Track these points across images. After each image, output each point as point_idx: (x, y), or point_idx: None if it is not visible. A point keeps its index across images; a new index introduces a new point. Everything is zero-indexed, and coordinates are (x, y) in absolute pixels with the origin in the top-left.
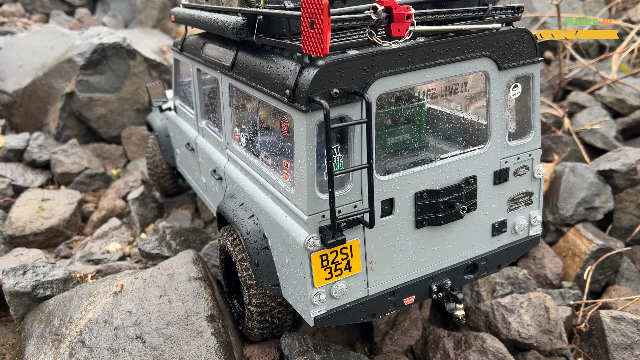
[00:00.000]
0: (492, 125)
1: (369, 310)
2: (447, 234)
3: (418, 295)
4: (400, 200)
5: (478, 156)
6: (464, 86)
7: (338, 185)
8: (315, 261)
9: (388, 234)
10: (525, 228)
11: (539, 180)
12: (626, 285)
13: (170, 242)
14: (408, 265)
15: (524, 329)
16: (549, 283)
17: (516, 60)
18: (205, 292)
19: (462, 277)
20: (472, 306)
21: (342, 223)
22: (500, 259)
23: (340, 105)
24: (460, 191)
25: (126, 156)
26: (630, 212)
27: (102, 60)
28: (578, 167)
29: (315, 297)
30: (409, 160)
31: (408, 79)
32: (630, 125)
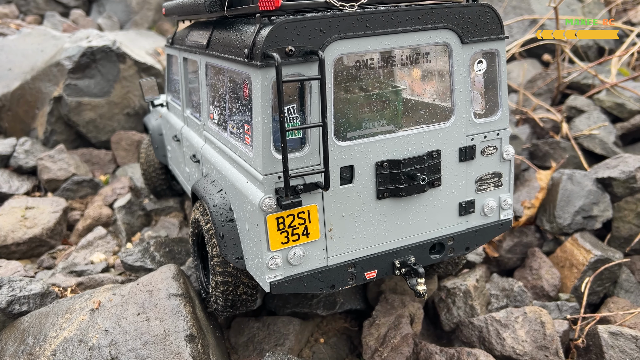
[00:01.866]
0: (456, 100)
1: (328, 280)
2: (411, 209)
3: (380, 270)
4: (360, 168)
5: (442, 130)
6: (426, 57)
7: (296, 147)
8: (270, 223)
9: (348, 203)
10: (496, 211)
11: (509, 162)
12: (625, 297)
13: (154, 253)
14: (370, 238)
15: (518, 345)
16: (545, 295)
17: (480, 35)
18: (185, 310)
19: (428, 255)
20: (466, 320)
21: (298, 186)
22: (468, 240)
23: (297, 64)
24: (422, 163)
25: (115, 161)
26: (630, 221)
27: (91, 63)
28: (576, 174)
29: (271, 260)
30: (370, 129)
31: (366, 43)
32: (630, 131)
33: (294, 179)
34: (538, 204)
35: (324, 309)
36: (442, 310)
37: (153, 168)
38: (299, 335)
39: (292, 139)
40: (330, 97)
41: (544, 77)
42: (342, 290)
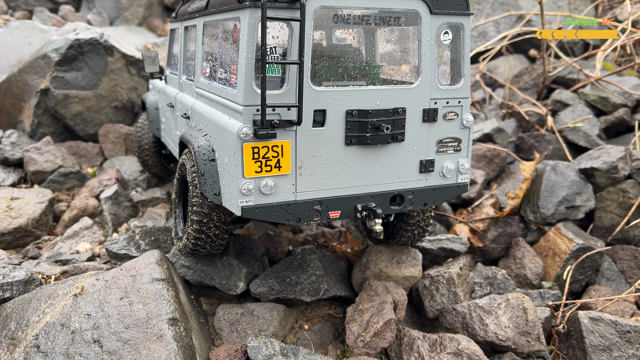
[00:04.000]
0: (423, 64)
1: (295, 213)
2: (376, 159)
3: (343, 212)
4: (332, 113)
5: (408, 90)
6: (397, 20)
7: (275, 86)
8: (247, 151)
9: (319, 144)
10: (454, 174)
11: (468, 130)
12: (607, 285)
13: (140, 242)
14: (336, 180)
15: (501, 331)
16: (529, 283)
17: (447, 8)
18: (167, 294)
19: (388, 205)
20: (449, 307)
21: (274, 121)
22: (426, 196)
23: (283, 9)
24: (388, 116)
25: (103, 154)
26: (612, 211)
27: (79, 56)
28: (559, 165)
29: (244, 186)
30: (343, 80)
31: (345, 0)
32: (613, 124)
33: (270, 114)
34: (522, 195)
35: (309, 295)
36: (425, 297)
37: (147, 141)
38: (283, 322)
39: (272, 77)
40: (309, 42)
41: (530, 71)
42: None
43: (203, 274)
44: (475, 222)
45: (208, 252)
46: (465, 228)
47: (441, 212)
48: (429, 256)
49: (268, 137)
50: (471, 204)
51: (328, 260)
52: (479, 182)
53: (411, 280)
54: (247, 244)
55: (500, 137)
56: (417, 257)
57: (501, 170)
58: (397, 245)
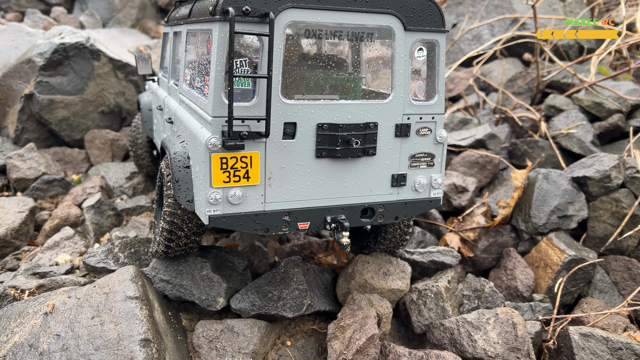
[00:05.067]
0: (396, 80)
1: (263, 223)
2: (347, 172)
3: (313, 223)
4: (302, 126)
5: (381, 105)
6: (370, 36)
7: (246, 98)
8: (215, 161)
9: (288, 156)
10: (426, 188)
11: (442, 145)
12: (599, 298)
13: (119, 254)
14: (306, 192)
15: (490, 347)
16: (519, 295)
17: (422, 25)
18: (140, 314)
19: (358, 217)
20: (437, 322)
21: (243, 132)
22: (398, 210)
23: (253, 23)
24: (359, 131)
25: (89, 160)
26: (605, 221)
27: (64, 60)
28: (552, 173)
29: (212, 195)
30: (315, 94)
31: (317, 16)
32: (608, 130)
33: (239, 126)
34: (513, 204)
35: (291, 311)
36: (413, 312)
37: (141, 141)
38: (264, 338)
39: (243, 89)
40: (280, 57)
41: (524, 76)
42: (276, 234)
43: (182, 289)
44: (466, 231)
45: (180, 254)
46: (456, 237)
47: (431, 221)
48: (419, 268)
49: (236, 148)
50: (462, 212)
51: (313, 273)
52: (471, 189)
53: (397, 294)
54: (228, 257)
55: (493, 143)
56: (405, 269)
57: (494, 177)
58: (385, 256)
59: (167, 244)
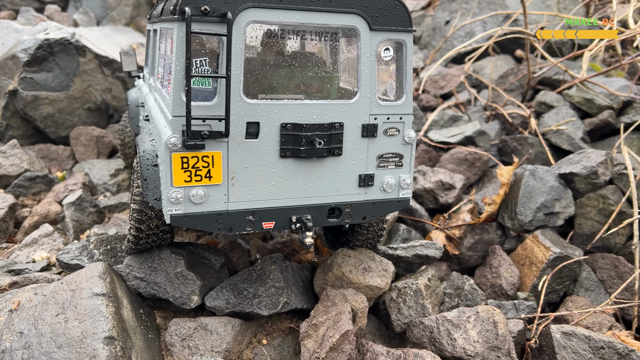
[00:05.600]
0: (362, 80)
1: (226, 223)
2: (312, 172)
3: (278, 223)
4: (266, 126)
5: (347, 105)
6: (335, 36)
7: (207, 97)
8: (175, 161)
9: (252, 156)
10: (395, 189)
11: (410, 146)
12: (585, 296)
13: (94, 251)
14: (271, 192)
15: (470, 346)
16: (504, 293)
17: (388, 25)
18: (106, 310)
19: (325, 217)
20: (416, 320)
21: (204, 132)
22: (365, 210)
23: (212, 23)
24: (324, 131)
25: (74, 157)
26: (592, 218)
27: (49, 56)
28: (538, 170)
29: (173, 194)
30: (279, 93)
31: (278, 15)
32: (598, 126)
33: (199, 125)
34: (500, 200)
35: (267, 309)
36: (392, 310)
37: (128, 138)
38: (238, 337)
39: (205, 89)
40: (241, 56)
41: (515, 72)
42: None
43: (156, 286)
44: (452, 228)
45: (152, 247)
46: (442, 235)
47: (417, 218)
48: (403, 264)
49: (196, 148)
50: (449, 209)
51: (291, 270)
52: (458, 186)
53: (375, 291)
54: (205, 254)
55: (483, 139)
56: (388, 268)
57: (483, 174)
58: (369, 252)
59: (135, 241)
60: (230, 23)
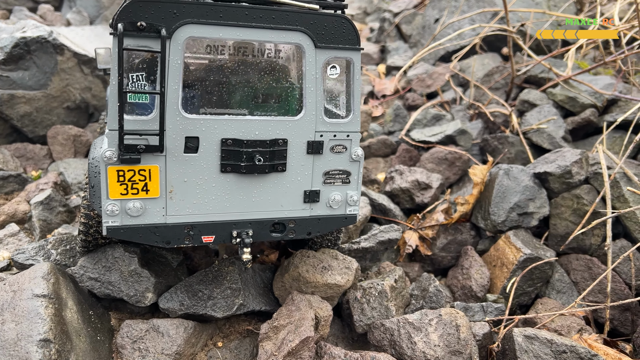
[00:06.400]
0: (307, 97)
1: (164, 236)
2: (255, 187)
3: (218, 237)
4: (205, 141)
5: (291, 122)
6: (278, 53)
7: (144, 112)
8: (110, 174)
9: (191, 170)
10: (342, 205)
11: (358, 163)
12: (556, 298)
13: (51, 251)
14: (211, 206)
15: (430, 350)
16: (473, 295)
17: (334, 42)
18: (44, 312)
19: (268, 232)
20: (377, 322)
21: (140, 146)
22: (310, 226)
23: (149, 38)
24: (265, 147)
25: (51, 157)
26: (566, 218)
27: (25, 55)
28: (513, 169)
29: (109, 207)
30: (219, 108)
31: (218, 32)
32: (581, 125)
33: (135, 139)
34: (473, 200)
35: (221, 311)
36: (355, 310)
37: None
38: (191, 339)
39: (141, 103)
40: (179, 72)
41: (501, 70)
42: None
43: (111, 286)
44: (425, 229)
45: (101, 245)
46: (415, 235)
47: (391, 218)
48: (369, 255)
49: (131, 162)
50: (425, 209)
51: (251, 271)
52: (434, 186)
53: (335, 289)
54: (161, 252)
55: (463, 139)
56: (350, 266)
57: (463, 173)
58: (333, 252)
59: (83, 244)
60: (164, 40)
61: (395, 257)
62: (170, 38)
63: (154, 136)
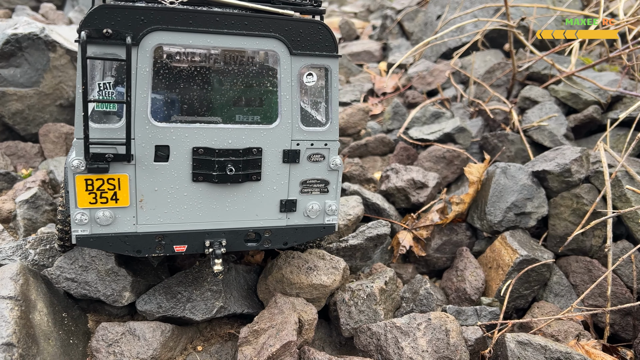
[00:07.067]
0: (283, 105)
1: (134, 245)
2: (229, 196)
3: (190, 246)
4: (176, 149)
5: (266, 130)
6: (252, 60)
7: (112, 120)
8: (79, 182)
9: (162, 179)
10: (320, 214)
11: (337, 172)
12: (555, 302)
13: (29, 251)
14: (183, 215)
15: (417, 356)
16: (467, 298)
17: (310, 49)
18: (9, 315)
19: (243, 242)
20: (364, 326)
21: (108, 155)
22: (287, 236)
23: (116, 46)
24: (239, 156)
25: (43, 155)
26: (566, 219)
27: (17, 52)
28: (510, 167)
29: (77, 216)
30: (190, 116)
31: (188, 38)
32: (583, 122)
33: (102, 148)
34: (469, 200)
35: (200, 314)
36: (342, 313)
37: None
38: (169, 342)
39: (109, 112)
40: (148, 80)
41: (502, 67)
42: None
43: (87, 286)
44: (419, 229)
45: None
46: (409, 235)
47: (384, 218)
48: (359, 253)
49: (99, 171)
50: (421, 209)
51: (235, 272)
52: (431, 185)
53: (321, 290)
54: None
55: (462, 136)
56: (338, 266)
57: (462, 172)
58: (320, 252)
59: (60, 243)
60: (129, 48)
61: (389, 258)
62: (137, 45)
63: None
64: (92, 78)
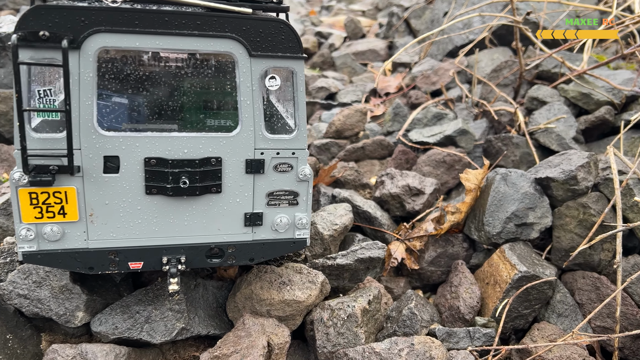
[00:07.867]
0: (243, 112)
1: (86, 262)
2: (187, 210)
3: (147, 263)
4: (126, 160)
5: (225, 139)
6: (207, 62)
7: (54, 129)
8: (22, 196)
9: (112, 192)
10: (289, 228)
11: (306, 183)
12: (557, 323)
13: None
14: (137, 230)
15: None
16: (461, 318)
17: (272, 50)
18: None
19: (204, 258)
20: (340, 351)
21: (52, 166)
22: (253, 251)
23: (54, 49)
24: (195, 167)
25: None
26: (571, 230)
27: (0, 51)
28: (512, 174)
29: (22, 231)
30: (141, 125)
31: (134, 40)
32: (594, 124)
33: (45, 158)
34: (466, 209)
35: (160, 336)
36: (320, 334)
37: None
38: None
39: (52, 120)
40: (92, 86)
41: (510, 65)
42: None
43: (40, 304)
44: (413, 239)
45: None
46: (401, 246)
47: (376, 228)
48: (347, 274)
49: (42, 184)
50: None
51: (202, 289)
52: (427, 192)
53: (295, 307)
54: None
55: (465, 139)
56: (315, 280)
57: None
58: (297, 265)
59: None
60: (65, 51)
61: (380, 271)
62: (79, 49)
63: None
64: (29, 84)
